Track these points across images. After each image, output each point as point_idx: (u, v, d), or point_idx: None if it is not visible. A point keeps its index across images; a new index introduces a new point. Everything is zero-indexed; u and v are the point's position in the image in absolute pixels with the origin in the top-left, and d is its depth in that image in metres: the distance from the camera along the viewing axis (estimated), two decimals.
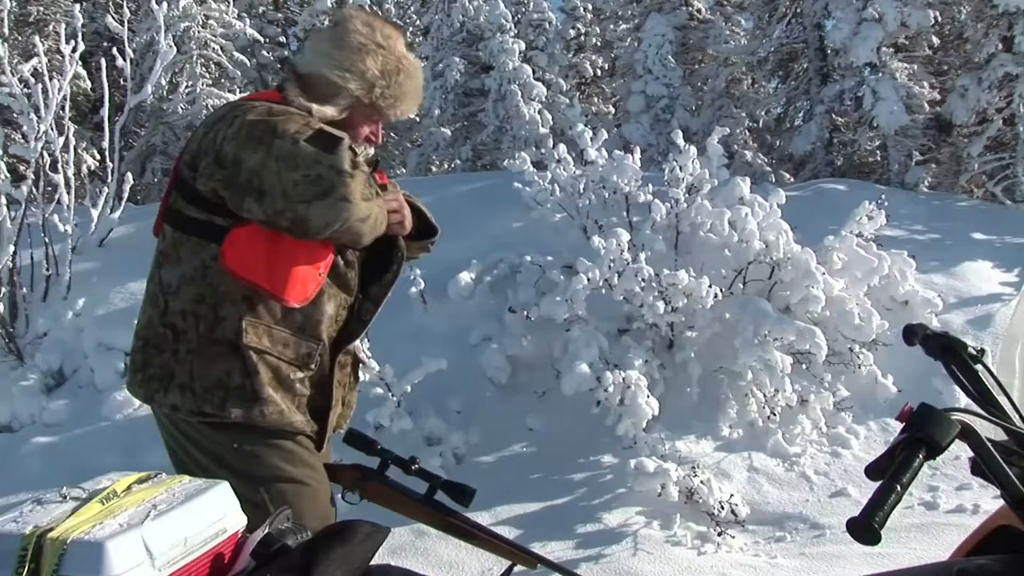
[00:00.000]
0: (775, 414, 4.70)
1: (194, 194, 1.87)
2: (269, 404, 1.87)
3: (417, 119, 12.65)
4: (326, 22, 12.10)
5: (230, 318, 1.85)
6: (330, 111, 1.91)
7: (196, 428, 1.89)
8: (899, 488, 1.10)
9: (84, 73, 13.11)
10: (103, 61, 7.48)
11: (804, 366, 4.89)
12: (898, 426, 1.18)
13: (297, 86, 1.94)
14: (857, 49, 9.63)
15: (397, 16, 16.27)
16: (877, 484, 1.11)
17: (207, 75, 13.63)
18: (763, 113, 13.65)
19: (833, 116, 11.11)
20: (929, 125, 10.47)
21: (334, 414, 2.05)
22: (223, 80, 13.96)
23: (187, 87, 13.10)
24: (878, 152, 11.26)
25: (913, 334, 1.52)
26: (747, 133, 13.18)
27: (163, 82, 13.10)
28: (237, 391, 1.85)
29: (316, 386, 1.98)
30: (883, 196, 5.85)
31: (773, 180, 11.24)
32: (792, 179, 12.12)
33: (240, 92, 13.31)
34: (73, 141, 6.77)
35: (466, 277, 5.48)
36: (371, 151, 2.09)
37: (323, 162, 1.78)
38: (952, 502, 4.23)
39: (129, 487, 1.21)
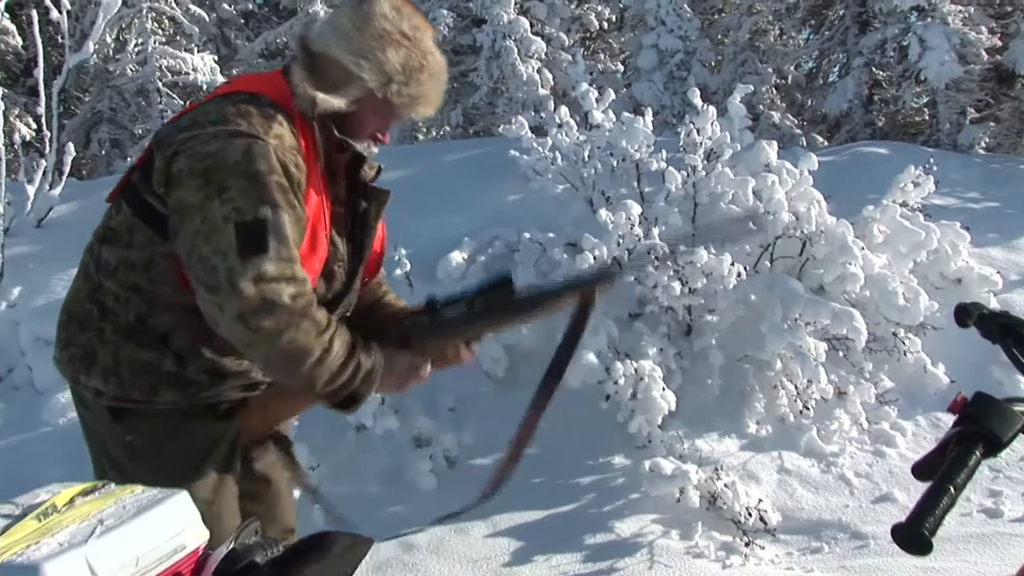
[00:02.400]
0: (808, 408, 4.71)
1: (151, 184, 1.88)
2: (202, 386, 1.91)
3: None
4: None
5: (162, 317, 1.88)
6: (337, 102, 1.88)
7: (103, 416, 1.94)
8: (952, 490, 1.08)
9: (13, 28, 13.00)
10: (35, 14, 7.37)
11: (841, 353, 4.89)
12: (950, 421, 1.16)
13: (305, 67, 1.90)
14: None
15: None
16: (927, 485, 1.10)
17: (159, 32, 13.55)
18: (792, 68, 13.59)
19: (873, 70, 11.05)
20: (987, 77, 10.33)
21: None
22: (178, 37, 13.87)
23: (136, 46, 13.01)
24: (926, 110, 11.22)
25: (967, 315, 1.51)
26: (774, 91, 13.15)
27: (108, 39, 13.03)
28: (170, 376, 1.89)
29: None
30: (932, 160, 5.83)
31: (804, 144, 11.19)
32: (826, 142, 12.11)
33: (198, 51, 13.24)
34: (2, 107, 6.71)
35: (458, 257, 5.47)
36: (375, 150, 2.07)
37: (228, 261, 1.73)
38: (1019, 510, 4.24)
39: (71, 500, 1.20)
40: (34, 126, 12.17)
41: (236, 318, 1.73)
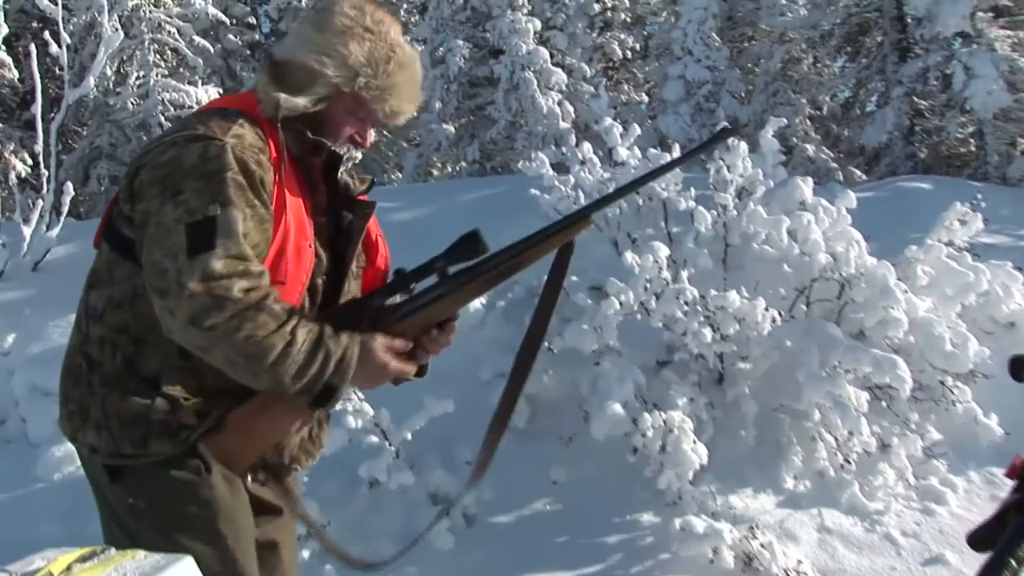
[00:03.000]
0: (850, 462, 4.67)
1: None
2: (192, 430, 1.92)
3: (415, 114, 12.75)
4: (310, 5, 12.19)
5: (151, 357, 1.91)
6: (302, 101, 1.94)
7: (102, 476, 1.95)
8: (1013, 564, 1.08)
9: (9, 60, 13.21)
10: (33, 47, 7.45)
11: (884, 403, 4.86)
12: (1006, 477, 1.17)
13: (270, 76, 1.98)
14: (945, 16, 9.54)
15: None
16: (984, 557, 1.10)
17: (162, 64, 13.76)
18: (827, 98, 13.67)
19: (914, 99, 11.10)
20: None
21: (289, 444, 2.09)
22: (182, 70, 14.09)
23: (138, 78, 13.21)
24: (972, 141, 11.23)
25: (1022, 365, 1.51)
26: (808, 123, 13.20)
27: (108, 72, 13.23)
28: (160, 425, 1.89)
29: None
30: (979, 195, 5.83)
31: (841, 178, 11.23)
32: (864, 176, 12.13)
33: (202, 83, 13.43)
34: None
35: (475, 303, 5.49)
36: (357, 155, 2.13)
37: (176, 263, 1.79)
38: None
39: (68, 567, 1.19)
40: (30, 162, 12.31)
41: (188, 321, 1.78)
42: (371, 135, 2.10)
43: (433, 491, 4.69)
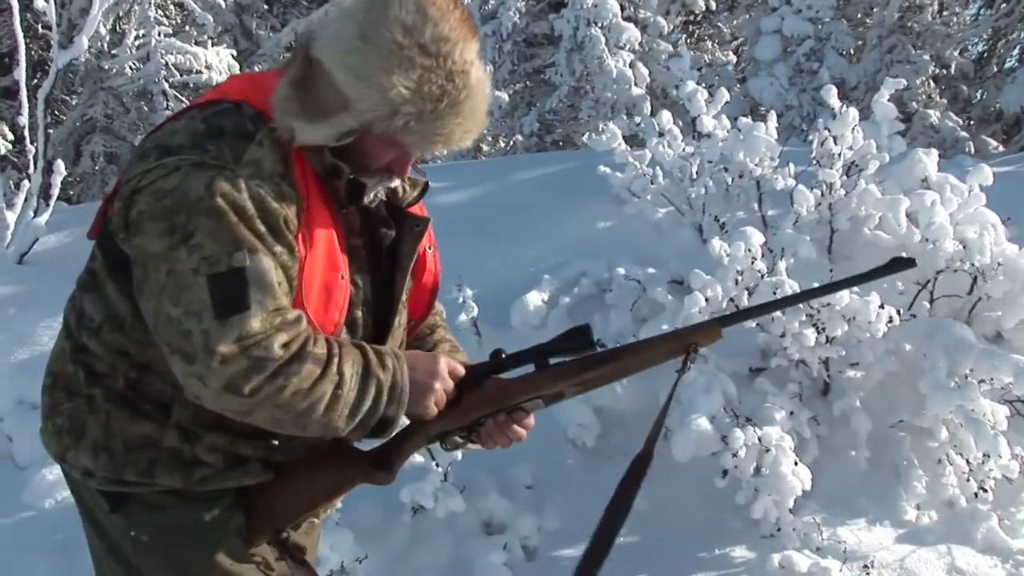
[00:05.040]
0: (986, 490, 4.65)
1: None
2: (212, 470, 1.97)
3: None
4: None
5: (159, 390, 1.94)
6: (321, 134, 1.86)
7: (99, 503, 2.00)
8: None
9: None
10: (14, 1, 7.39)
11: None
12: None
13: (294, 80, 1.89)
14: None
15: None
16: None
17: (165, 21, 13.92)
18: (957, 53, 13.50)
19: None
20: None
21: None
22: (188, 28, 14.25)
23: (137, 38, 13.35)
24: None
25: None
26: (932, 84, 13.05)
27: (103, 31, 13.38)
28: (171, 453, 1.94)
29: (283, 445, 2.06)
30: None
31: (972, 150, 11.10)
32: (1002, 148, 11.97)
33: (212, 44, 13.59)
34: None
35: (536, 298, 5.55)
36: (394, 183, 2.07)
37: (202, 324, 1.76)
38: None
39: None
40: (11, 137, 12.44)
41: (223, 389, 1.77)
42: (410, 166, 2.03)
43: (487, 519, 4.75)
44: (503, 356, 2.09)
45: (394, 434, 2.00)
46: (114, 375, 1.94)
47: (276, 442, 2.01)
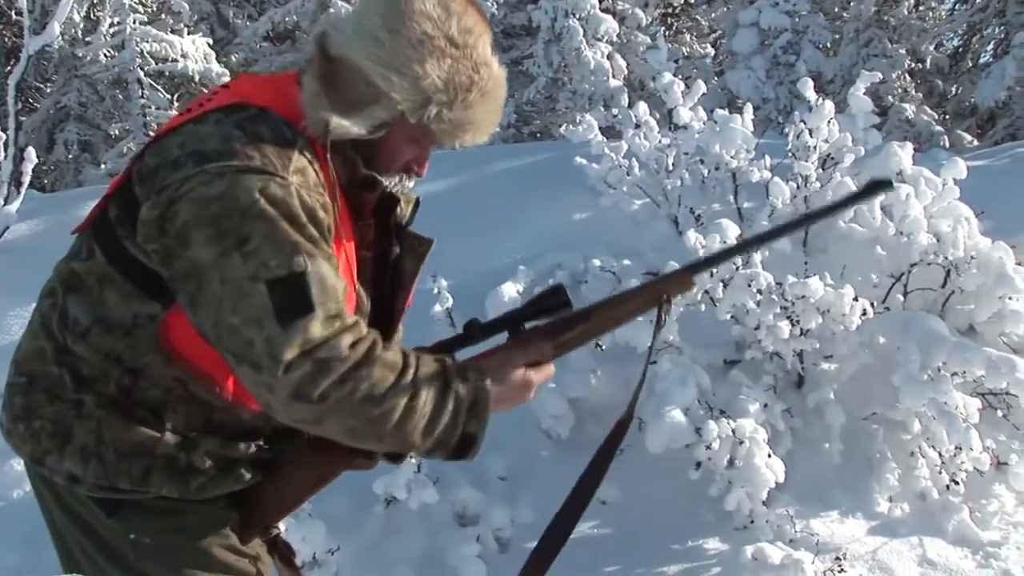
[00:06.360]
0: (957, 482, 4.68)
1: (135, 228, 1.84)
2: (206, 477, 1.95)
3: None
4: None
5: (150, 391, 1.91)
6: (357, 128, 1.84)
7: (88, 507, 1.95)
8: None
9: None
10: None
11: (1000, 413, 4.86)
12: None
13: (319, 78, 1.88)
14: None
15: None
16: None
17: (140, 9, 13.84)
18: (932, 48, 13.55)
19: None
20: None
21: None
22: (164, 16, 14.17)
23: (112, 26, 13.28)
24: None
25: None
26: (907, 78, 13.11)
27: (76, 18, 13.32)
28: (166, 460, 1.91)
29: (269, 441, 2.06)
30: None
31: (947, 144, 11.16)
32: (976, 142, 12.04)
33: (188, 33, 13.52)
34: None
35: (511, 289, 5.54)
36: (411, 184, 2.06)
37: (264, 331, 1.72)
38: None
39: None
40: None
41: (291, 397, 1.72)
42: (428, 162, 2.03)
43: (460, 510, 4.75)
44: (480, 325, 2.06)
45: None
46: (105, 380, 1.89)
47: (263, 442, 2.01)
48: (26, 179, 7.25)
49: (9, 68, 7.46)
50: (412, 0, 1.85)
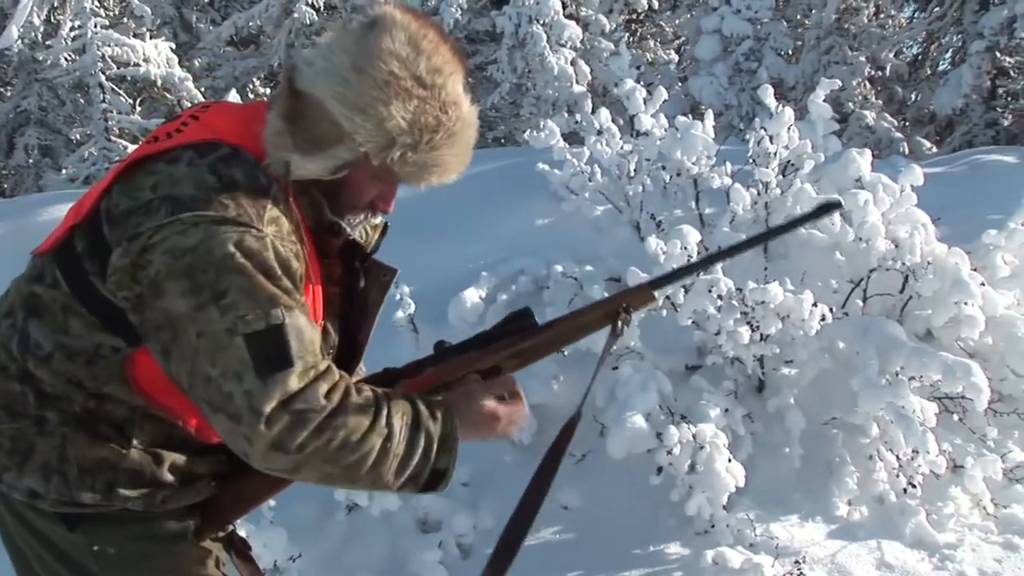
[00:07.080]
0: (915, 485, 4.71)
1: (104, 267, 1.81)
2: (169, 490, 1.95)
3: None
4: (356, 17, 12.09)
5: (117, 414, 1.90)
6: (317, 168, 1.84)
7: (48, 521, 1.93)
8: None
9: None
10: None
11: (956, 417, 4.90)
12: None
13: (284, 114, 1.86)
14: None
15: None
16: None
17: (102, 12, 13.74)
18: (891, 55, 13.67)
19: (998, 55, 11.07)
20: None
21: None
22: (126, 20, 14.08)
23: (73, 29, 13.18)
24: None
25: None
26: (867, 85, 13.21)
27: (36, 21, 13.22)
28: (130, 474, 1.90)
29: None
30: None
31: (906, 151, 11.25)
32: (935, 149, 12.14)
33: (151, 37, 13.44)
34: None
35: (473, 295, 5.54)
36: (376, 221, 2.09)
37: (244, 384, 1.72)
38: None
39: None
40: None
41: (270, 448, 1.73)
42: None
43: (422, 517, 4.74)
44: (445, 347, 2.07)
45: None
46: (68, 400, 1.88)
47: (226, 457, 1.98)
48: None
49: None
50: (381, 38, 1.82)
